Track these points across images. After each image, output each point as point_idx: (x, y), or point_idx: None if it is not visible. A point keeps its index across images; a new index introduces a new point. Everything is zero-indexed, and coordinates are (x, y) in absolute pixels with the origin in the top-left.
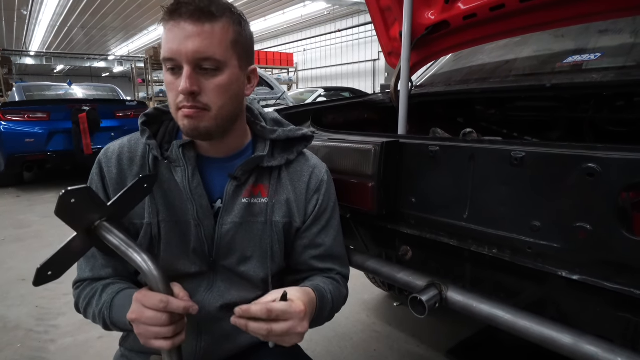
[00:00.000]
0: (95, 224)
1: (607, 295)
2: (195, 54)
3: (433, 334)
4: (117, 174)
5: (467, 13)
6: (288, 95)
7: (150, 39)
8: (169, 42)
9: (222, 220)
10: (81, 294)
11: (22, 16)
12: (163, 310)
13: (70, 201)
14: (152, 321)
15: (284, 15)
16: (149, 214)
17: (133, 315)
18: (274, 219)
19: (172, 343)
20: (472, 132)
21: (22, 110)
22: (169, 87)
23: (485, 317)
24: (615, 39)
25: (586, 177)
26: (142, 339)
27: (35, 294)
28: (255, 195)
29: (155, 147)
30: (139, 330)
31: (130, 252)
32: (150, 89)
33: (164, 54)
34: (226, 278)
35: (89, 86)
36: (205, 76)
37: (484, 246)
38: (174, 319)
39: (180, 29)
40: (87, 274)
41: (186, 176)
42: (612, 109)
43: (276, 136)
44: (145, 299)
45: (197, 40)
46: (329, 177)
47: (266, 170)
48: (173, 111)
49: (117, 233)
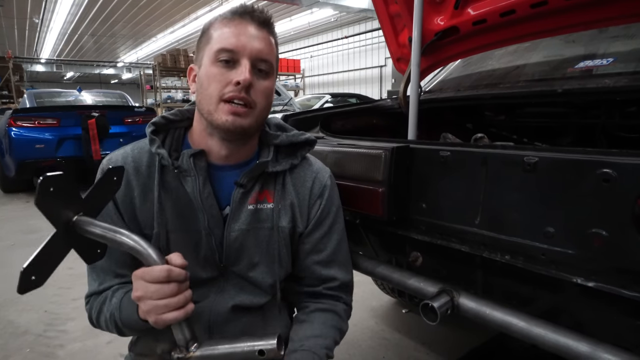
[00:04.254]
0: (73, 219)
1: (623, 303)
2: (259, 54)
3: (442, 342)
4: (123, 184)
5: (476, 19)
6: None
7: (158, 46)
8: (233, 36)
9: (230, 227)
10: (92, 305)
11: (34, 24)
12: (166, 280)
13: (50, 190)
14: (158, 294)
15: (291, 22)
16: (157, 224)
17: (137, 292)
18: (280, 225)
19: (184, 312)
20: (483, 137)
21: (32, 116)
22: (215, 79)
23: (499, 324)
24: (627, 44)
25: (602, 182)
26: (152, 317)
27: (45, 299)
28: (261, 201)
29: (165, 157)
30: (147, 307)
31: (118, 237)
32: (158, 95)
33: (224, 45)
34: (236, 283)
35: (98, 92)
36: (257, 77)
37: (496, 252)
38: (180, 288)
39: (247, 29)
40: (96, 287)
41: (197, 186)
42: (624, 114)
43: (279, 141)
44: (145, 274)
45: (262, 43)
46: (332, 182)
47: (271, 176)
48: (212, 102)
49: (99, 223)
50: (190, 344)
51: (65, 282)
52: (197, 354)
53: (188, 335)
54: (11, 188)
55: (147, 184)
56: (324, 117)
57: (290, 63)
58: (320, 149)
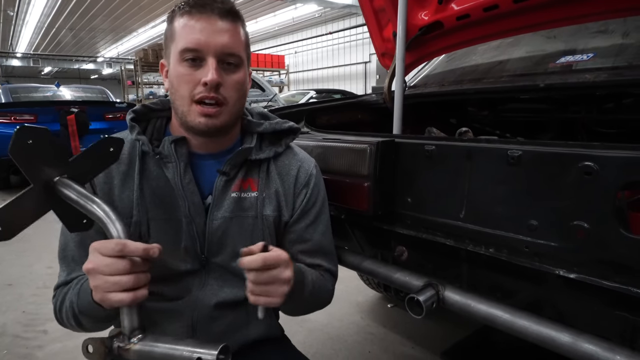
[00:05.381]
0: (55, 179)
1: (604, 294)
2: (224, 48)
3: (428, 336)
4: (104, 174)
5: (460, 14)
6: (279, 97)
7: (139, 41)
8: (195, 34)
9: (212, 215)
10: (58, 297)
11: (9, 17)
12: (120, 253)
13: (27, 142)
14: (110, 269)
15: (275, 18)
16: (137, 211)
17: (89, 264)
18: (265, 213)
19: (133, 296)
20: (468, 132)
21: (8, 112)
22: (184, 79)
23: (483, 317)
24: (606, 40)
25: (583, 175)
26: (99, 293)
27: (23, 300)
28: (245, 189)
29: (146, 142)
30: (96, 282)
31: (89, 205)
32: (140, 91)
33: (187, 45)
34: (218, 276)
35: (78, 88)
36: (226, 71)
37: (481, 246)
38: (135, 268)
39: (209, 23)
40: (64, 276)
41: (178, 172)
42: (603, 109)
43: (262, 129)
44: (101, 245)
45: (226, 35)
46: (317, 172)
47: (255, 164)
48: (185, 104)
49: (77, 187)
50: (135, 334)
51: (44, 282)
52: (137, 348)
53: (136, 323)
54: None
55: (127, 172)
56: (308, 112)
57: (274, 59)
58: (305, 144)
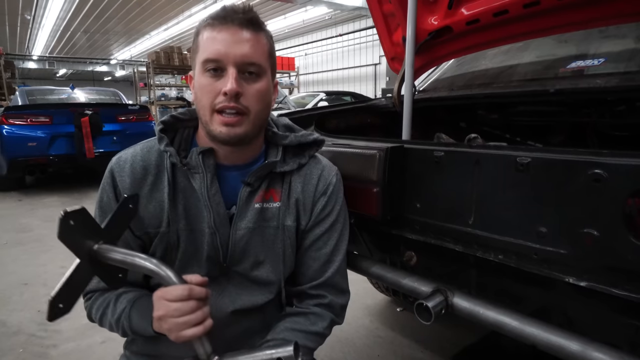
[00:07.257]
0: (94, 247)
1: (614, 302)
2: (244, 58)
3: (437, 340)
4: (131, 183)
5: (470, 19)
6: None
7: (152, 43)
8: (216, 44)
9: (236, 225)
10: (93, 305)
11: (26, 20)
12: (187, 298)
13: (70, 223)
14: (179, 312)
15: (285, 20)
16: (167, 222)
17: (160, 312)
18: (286, 224)
19: (203, 327)
20: (477, 138)
21: (24, 114)
22: (205, 89)
23: (492, 323)
24: (618, 44)
25: (592, 182)
26: (173, 334)
27: (37, 299)
28: (267, 200)
29: (174, 154)
30: (168, 325)
31: (137, 261)
32: (152, 92)
33: (208, 55)
34: (238, 283)
35: (91, 90)
36: (247, 81)
37: (490, 252)
38: (199, 305)
39: (230, 34)
40: (96, 284)
41: (205, 183)
42: (614, 114)
43: (288, 142)
44: (167, 294)
45: (247, 45)
46: (337, 181)
47: (278, 175)
48: (206, 114)
49: (118, 249)
50: (212, 357)
51: (58, 281)
52: None
53: (209, 348)
54: (3, 186)
55: (155, 183)
56: (318, 117)
57: (284, 61)
58: None
